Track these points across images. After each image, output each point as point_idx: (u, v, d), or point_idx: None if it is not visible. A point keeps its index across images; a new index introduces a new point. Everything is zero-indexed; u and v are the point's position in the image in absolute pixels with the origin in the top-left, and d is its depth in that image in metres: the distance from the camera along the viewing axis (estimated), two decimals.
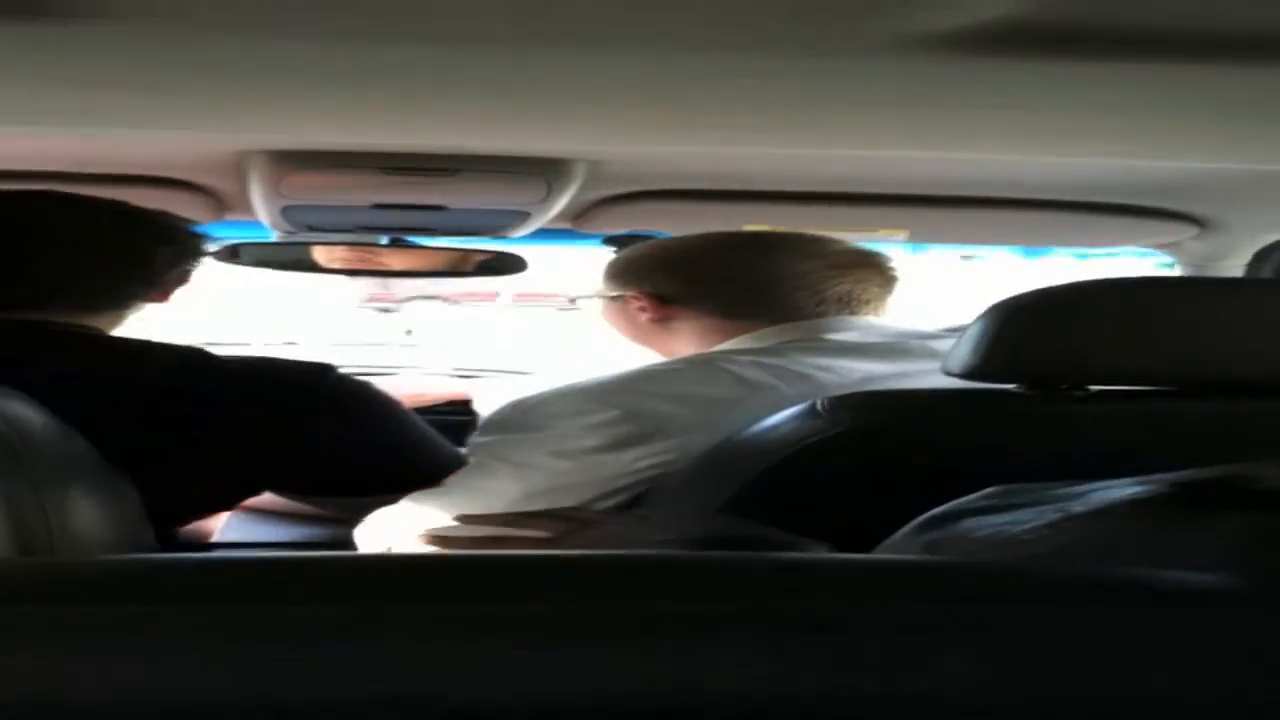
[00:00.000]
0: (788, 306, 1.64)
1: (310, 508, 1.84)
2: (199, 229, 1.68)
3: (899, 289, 1.72)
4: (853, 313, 1.65)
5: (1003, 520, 0.83)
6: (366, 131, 1.49)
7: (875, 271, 1.69)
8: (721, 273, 1.69)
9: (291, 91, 1.21)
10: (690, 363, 1.58)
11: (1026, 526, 0.80)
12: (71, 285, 1.53)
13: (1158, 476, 0.80)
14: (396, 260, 2.24)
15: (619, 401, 1.49)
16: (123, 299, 1.58)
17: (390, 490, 1.60)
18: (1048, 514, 0.80)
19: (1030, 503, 0.84)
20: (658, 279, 1.72)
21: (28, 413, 1.27)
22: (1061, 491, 0.85)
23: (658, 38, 0.96)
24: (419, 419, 1.71)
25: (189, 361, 1.56)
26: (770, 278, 1.66)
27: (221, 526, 1.83)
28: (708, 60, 1.03)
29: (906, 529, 0.91)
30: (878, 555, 0.83)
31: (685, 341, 1.70)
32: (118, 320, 1.59)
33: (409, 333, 4.72)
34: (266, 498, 1.77)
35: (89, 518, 1.31)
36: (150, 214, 1.60)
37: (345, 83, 1.14)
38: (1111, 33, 0.91)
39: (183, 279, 1.65)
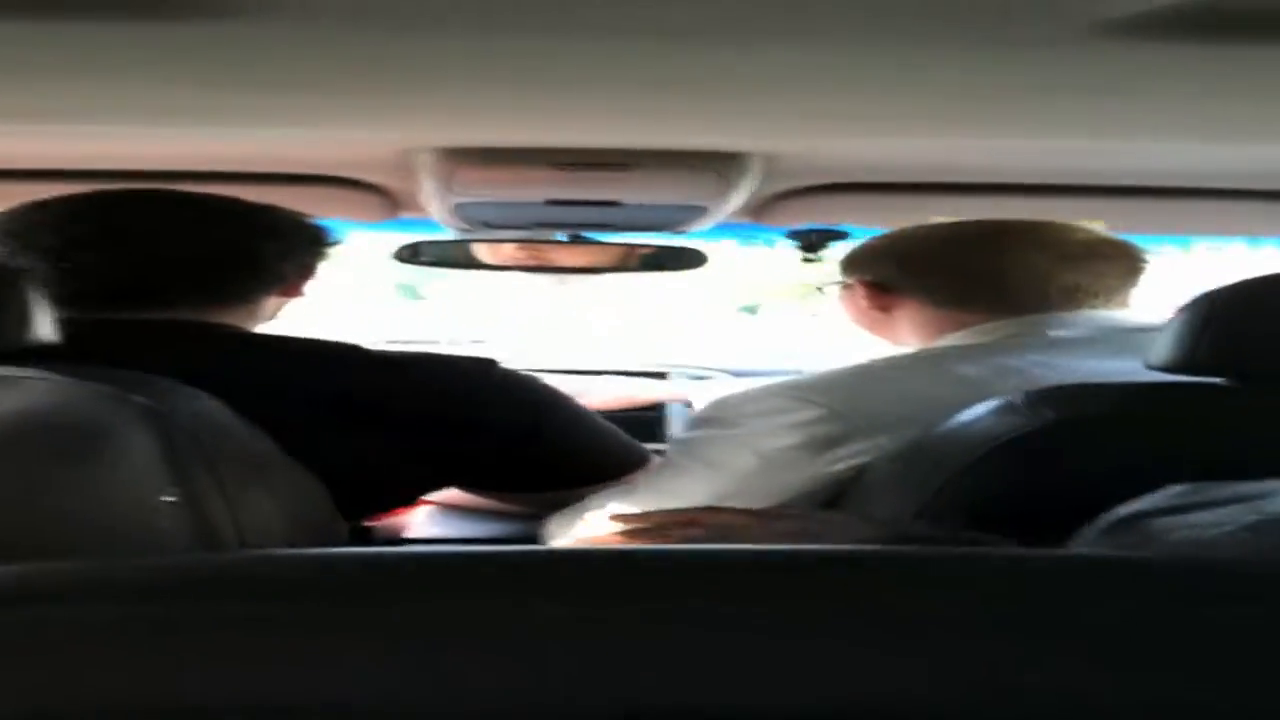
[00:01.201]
0: (1010, 298, 1.59)
1: (498, 504, 1.82)
2: (320, 223, 1.68)
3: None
4: (1078, 306, 1.58)
5: (1197, 521, 0.81)
6: (537, 127, 1.48)
7: (1115, 262, 1.62)
8: (939, 261, 1.66)
9: (460, 88, 1.20)
10: (916, 359, 1.56)
11: (1225, 530, 0.78)
12: (183, 283, 1.54)
13: None
14: (574, 257, 2.23)
15: (826, 400, 1.45)
16: (244, 294, 1.58)
17: (568, 485, 1.61)
18: (1244, 515, 0.78)
19: (1219, 501, 0.82)
20: (878, 267, 1.72)
21: (214, 411, 1.28)
22: (1251, 489, 0.83)
23: (833, 30, 0.94)
24: (595, 414, 1.70)
25: (350, 358, 1.57)
26: (992, 268, 1.61)
27: (416, 522, 1.84)
28: (884, 51, 1.01)
29: (1093, 529, 0.89)
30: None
31: (906, 331, 1.69)
32: (250, 316, 1.60)
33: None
34: (455, 493, 1.78)
35: (277, 516, 1.32)
36: (256, 208, 1.60)
37: (515, 78, 1.14)
38: None
39: (306, 273, 1.66)
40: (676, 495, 1.44)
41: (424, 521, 1.85)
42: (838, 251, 2.28)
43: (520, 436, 1.59)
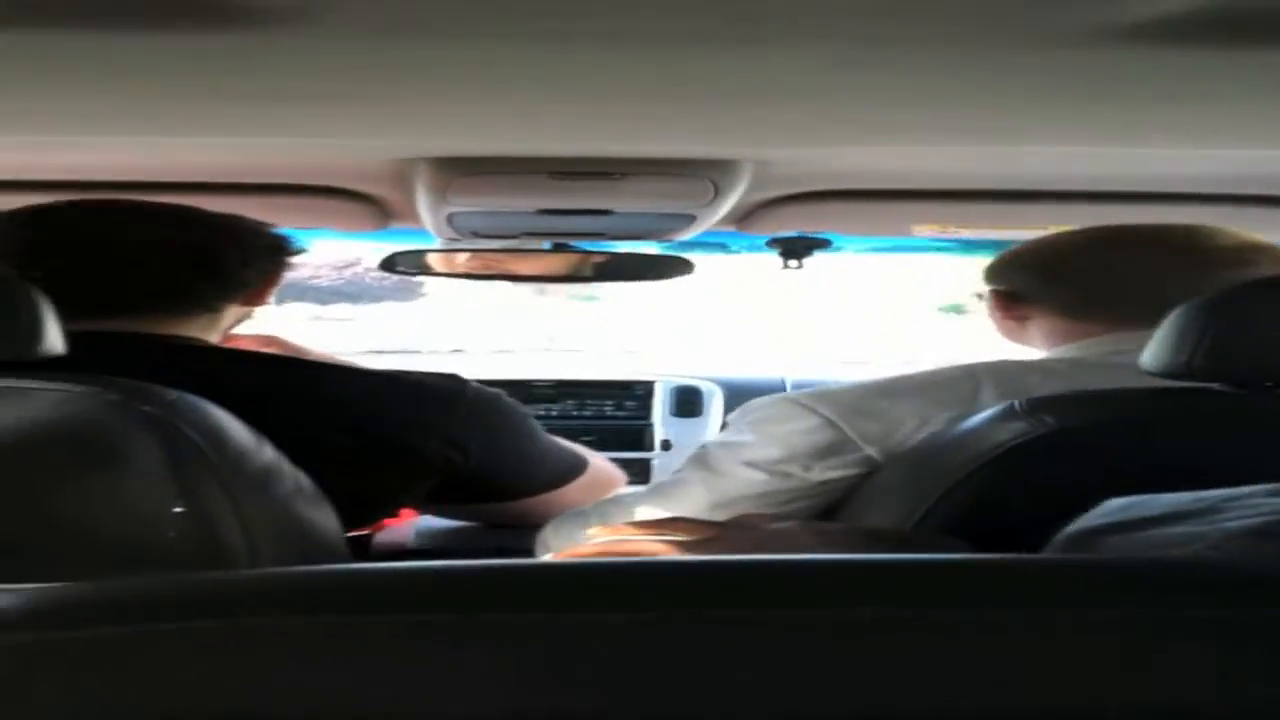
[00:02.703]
0: (1130, 309, 1.49)
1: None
2: (282, 231, 1.68)
3: None
4: None
5: (1154, 537, 0.81)
6: (532, 137, 1.48)
7: (1254, 269, 1.51)
8: (1063, 270, 1.60)
9: (455, 97, 1.20)
10: (967, 372, 1.49)
11: (1189, 551, 0.78)
12: (147, 291, 1.54)
13: None
14: (560, 265, 2.24)
15: (831, 410, 1.43)
16: (205, 303, 1.58)
17: (519, 496, 1.67)
18: (1205, 532, 0.78)
19: (1172, 516, 0.82)
20: (1011, 275, 1.66)
21: (221, 421, 1.28)
22: (1197, 502, 0.83)
23: (824, 36, 0.94)
24: (541, 428, 1.76)
25: (332, 373, 1.61)
26: (1113, 277, 1.56)
27: (407, 533, 1.85)
28: (877, 57, 1.01)
29: (1049, 549, 0.89)
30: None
31: (1040, 341, 1.64)
32: (212, 326, 1.60)
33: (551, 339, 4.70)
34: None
35: (287, 526, 1.32)
36: (215, 217, 1.60)
37: (509, 87, 1.14)
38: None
39: (270, 280, 1.66)
40: (680, 502, 1.46)
41: (416, 532, 1.86)
42: (819, 260, 2.30)
43: (487, 454, 1.62)
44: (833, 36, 0.94)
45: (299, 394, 1.53)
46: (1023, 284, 1.62)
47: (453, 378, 1.66)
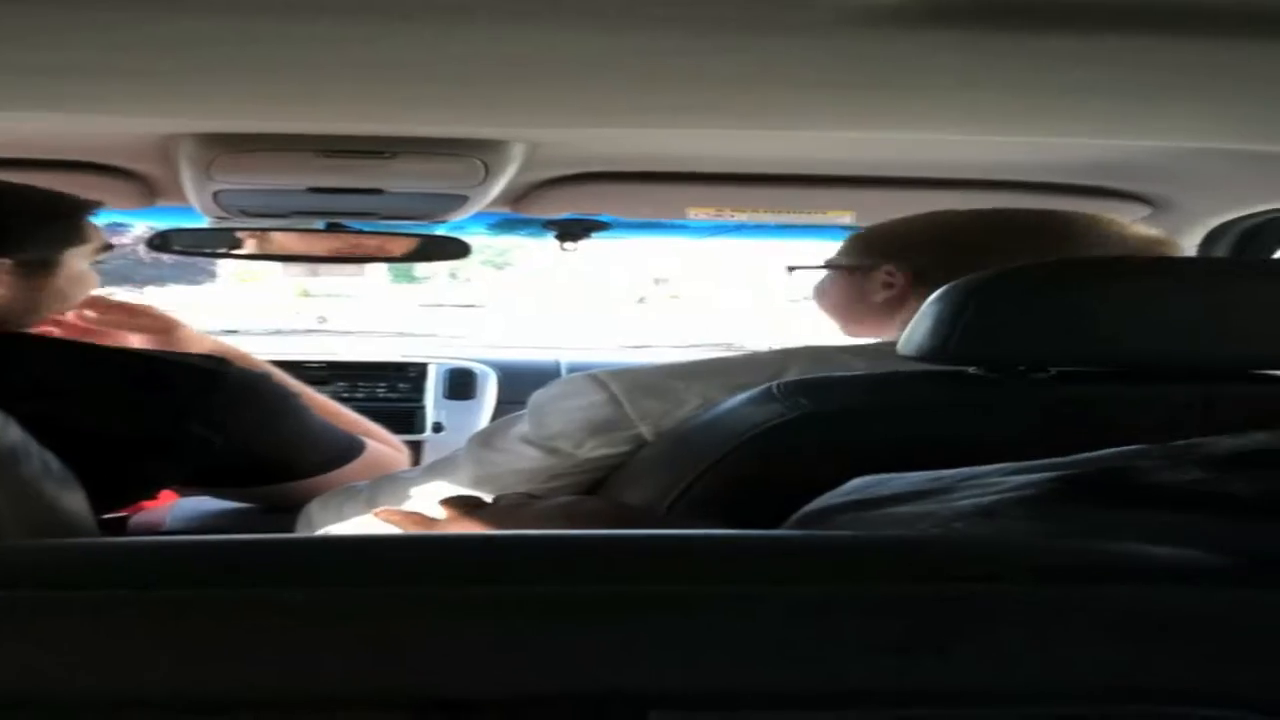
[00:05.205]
0: None
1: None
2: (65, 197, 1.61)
3: None
4: None
5: (889, 516, 0.83)
6: (298, 114, 1.47)
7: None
8: (988, 257, 1.41)
9: (220, 73, 1.17)
10: (782, 356, 1.44)
11: (918, 529, 0.79)
12: None
13: (1049, 462, 0.80)
14: (333, 246, 2.21)
15: (619, 386, 1.40)
16: None
17: (286, 479, 1.65)
18: (936, 511, 0.80)
19: (910, 494, 0.84)
20: (915, 256, 1.53)
21: None
22: (944, 482, 0.84)
23: (596, 15, 0.94)
24: (310, 410, 1.74)
25: (90, 354, 1.57)
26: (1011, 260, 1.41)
27: (166, 514, 1.83)
28: (648, 38, 1.01)
29: (786, 525, 0.90)
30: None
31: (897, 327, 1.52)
32: None
33: (322, 319, 4.63)
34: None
35: (33, 505, 1.29)
36: None
37: (275, 63, 1.12)
38: (1055, 8, 0.90)
39: (55, 246, 1.59)
40: (447, 479, 1.45)
41: (173, 515, 1.83)
42: (596, 243, 2.31)
43: (250, 435, 1.61)
44: (602, 16, 0.94)
45: (48, 374, 1.50)
46: (933, 267, 1.48)
47: (213, 359, 1.64)
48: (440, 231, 2.18)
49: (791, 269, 1.66)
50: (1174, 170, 1.87)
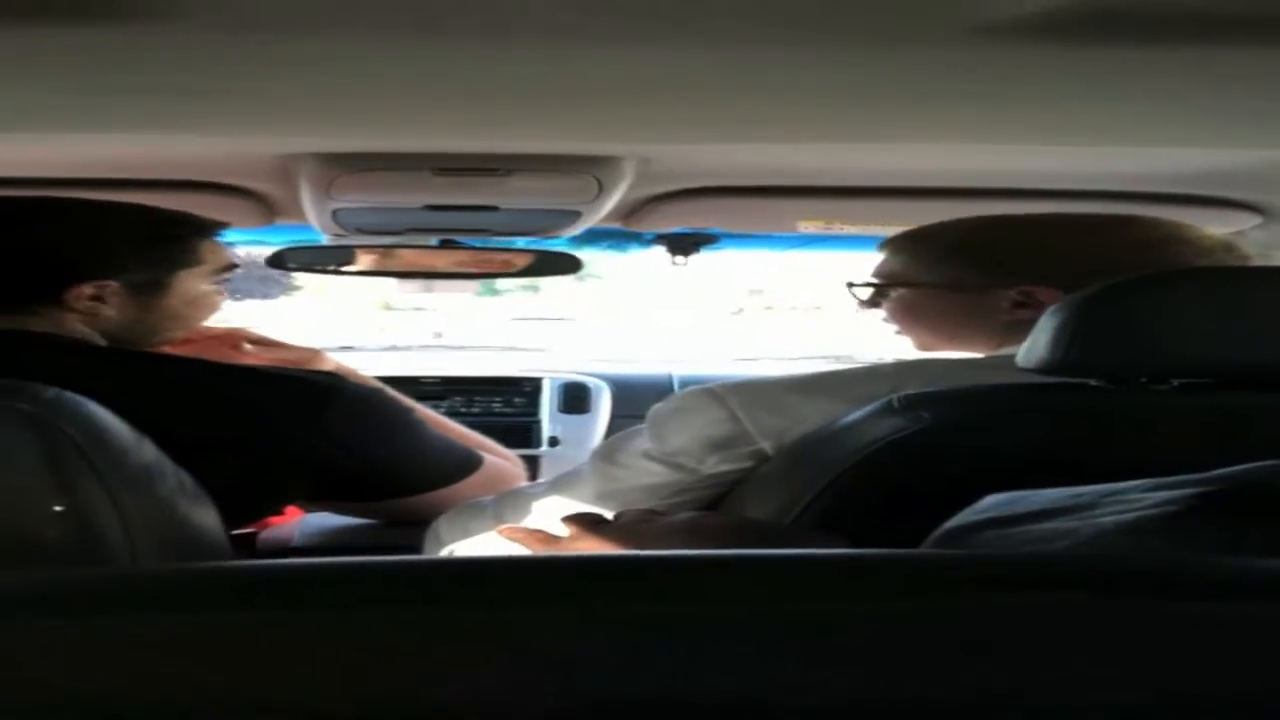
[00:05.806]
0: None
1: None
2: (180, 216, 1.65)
3: None
4: None
5: (1030, 533, 0.82)
6: (415, 133, 1.49)
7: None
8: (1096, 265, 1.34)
9: (338, 93, 1.19)
10: (896, 371, 1.41)
11: (1060, 546, 0.79)
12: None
13: (1191, 478, 0.78)
14: (447, 261, 2.23)
15: (737, 402, 1.40)
16: (44, 296, 1.55)
17: (406, 493, 1.65)
18: (1078, 528, 0.79)
19: (1044, 513, 0.83)
20: (1041, 268, 1.45)
21: (101, 418, 1.26)
22: (1069, 499, 0.83)
23: (705, 33, 0.94)
24: (427, 425, 1.74)
25: (213, 372, 1.59)
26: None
27: (293, 531, 1.84)
28: (759, 54, 1.01)
29: (926, 543, 0.89)
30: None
31: (981, 340, 1.50)
32: (59, 321, 1.56)
33: (437, 335, 4.67)
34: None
35: (168, 525, 1.31)
36: (68, 209, 1.58)
37: (393, 84, 1.13)
38: (1158, 18, 0.89)
39: (165, 265, 1.61)
40: (571, 494, 1.46)
41: (301, 531, 1.85)
42: (706, 257, 2.31)
43: (368, 452, 1.62)
44: (713, 34, 0.95)
45: (173, 390, 1.52)
46: (1060, 278, 1.40)
47: (331, 375, 1.66)
48: (557, 247, 2.20)
49: (850, 285, 1.60)
50: None
